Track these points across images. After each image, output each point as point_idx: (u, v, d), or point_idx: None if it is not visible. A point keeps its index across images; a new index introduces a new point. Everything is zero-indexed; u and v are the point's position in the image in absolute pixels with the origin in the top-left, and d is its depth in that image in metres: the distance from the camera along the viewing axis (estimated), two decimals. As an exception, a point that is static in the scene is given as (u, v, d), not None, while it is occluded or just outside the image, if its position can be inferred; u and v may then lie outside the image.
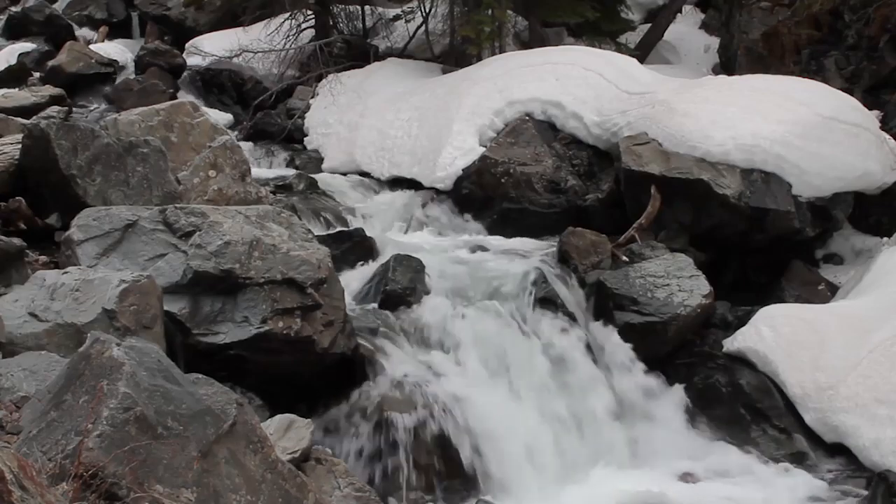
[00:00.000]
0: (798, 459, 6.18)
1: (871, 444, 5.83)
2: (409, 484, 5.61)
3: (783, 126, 8.09)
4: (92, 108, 12.21)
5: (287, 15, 12.78)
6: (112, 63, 13.55)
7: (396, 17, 13.94)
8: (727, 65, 12.80)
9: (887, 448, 5.73)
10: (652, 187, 8.05)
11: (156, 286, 5.07)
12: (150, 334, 4.78)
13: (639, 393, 6.67)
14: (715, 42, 14.13)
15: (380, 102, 10.65)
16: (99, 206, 6.04)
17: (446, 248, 8.01)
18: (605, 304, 7.04)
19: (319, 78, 11.95)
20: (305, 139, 11.19)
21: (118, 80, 13.16)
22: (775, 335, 6.60)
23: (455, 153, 9.10)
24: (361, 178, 9.79)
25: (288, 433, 4.64)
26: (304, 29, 12.88)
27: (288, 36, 12.60)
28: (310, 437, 4.68)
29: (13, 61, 13.64)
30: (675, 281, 7.06)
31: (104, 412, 3.17)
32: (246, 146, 10.36)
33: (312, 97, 11.72)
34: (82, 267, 5.32)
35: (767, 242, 8.07)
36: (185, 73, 13.34)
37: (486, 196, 8.95)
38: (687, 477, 6.13)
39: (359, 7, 13.56)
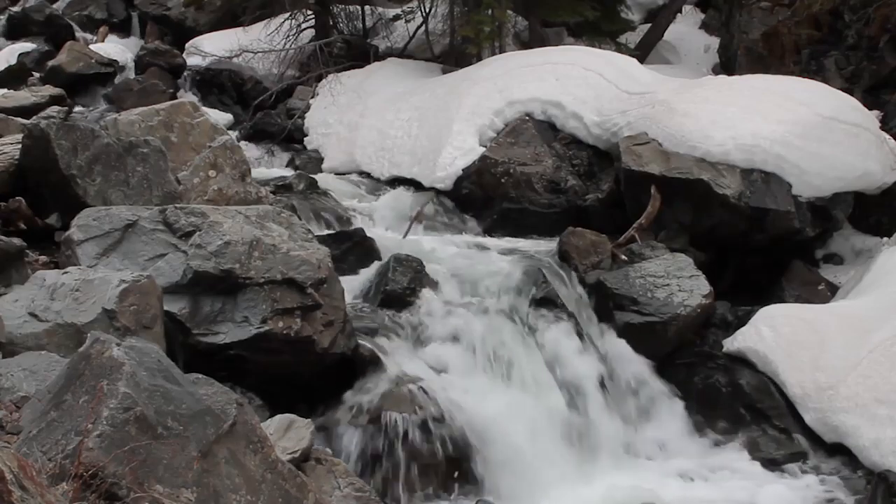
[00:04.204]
0: (798, 459, 6.18)
1: (871, 444, 5.82)
2: (409, 483, 5.60)
3: (783, 126, 8.09)
4: (92, 108, 12.20)
5: (287, 15, 12.80)
6: (112, 63, 13.54)
7: (396, 17, 13.95)
8: (727, 65, 12.81)
9: (887, 448, 5.73)
10: (652, 187, 8.06)
11: (156, 286, 5.06)
12: (150, 334, 4.78)
13: (638, 393, 6.67)
14: (715, 42, 14.13)
15: (380, 102, 10.65)
16: (99, 206, 6.03)
17: (446, 247, 8.00)
18: (605, 304, 7.04)
19: (319, 78, 11.96)
20: (305, 139, 11.19)
21: (118, 80, 13.17)
22: (775, 335, 6.60)
23: (455, 153, 9.11)
24: (361, 178, 9.79)
25: (288, 433, 4.63)
26: (304, 29, 12.89)
27: (288, 36, 12.61)
28: (310, 437, 4.68)
29: (13, 61, 13.65)
30: (675, 281, 7.06)
31: (104, 412, 3.17)
32: (246, 146, 10.36)
33: (312, 97, 11.72)
34: (82, 267, 5.31)
35: (767, 242, 8.07)
36: (185, 73, 13.35)
37: (486, 196, 8.95)
38: (687, 477, 6.12)
39: (359, 7, 13.57)
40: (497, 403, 6.13)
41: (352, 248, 7.32)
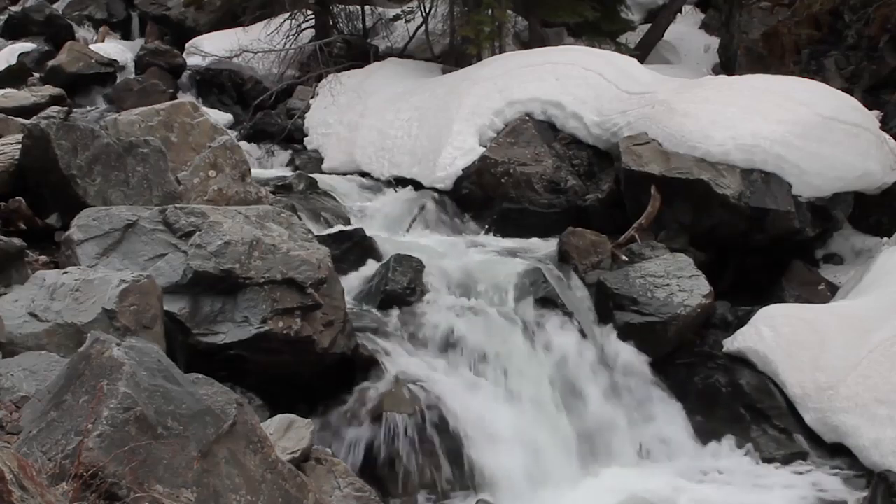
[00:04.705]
0: (798, 459, 6.18)
1: (871, 444, 5.82)
2: (409, 483, 5.61)
3: (783, 126, 8.08)
4: (92, 108, 12.21)
5: (287, 15, 12.80)
6: (112, 63, 13.56)
7: (396, 17, 13.96)
8: (727, 65, 12.81)
9: (887, 448, 5.73)
10: (652, 187, 8.06)
11: (156, 286, 5.06)
12: (150, 334, 4.78)
13: (638, 393, 6.67)
14: (715, 42, 14.14)
15: (380, 102, 10.66)
16: (99, 206, 6.03)
17: (446, 247, 8.00)
18: (605, 304, 7.04)
19: (319, 78, 11.96)
20: (305, 139, 11.19)
21: (118, 80, 13.17)
22: (775, 335, 6.60)
23: (455, 153, 9.11)
24: (361, 178, 9.79)
25: (288, 433, 4.63)
26: (304, 29, 12.89)
27: (288, 36, 12.61)
28: (310, 437, 4.68)
29: (13, 61, 13.66)
30: (675, 281, 7.05)
31: (104, 412, 3.17)
32: (246, 146, 10.36)
33: (312, 97, 11.73)
34: (82, 267, 5.32)
35: (767, 242, 8.07)
36: (185, 73, 13.36)
37: (486, 196, 8.95)
38: (687, 477, 6.12)
39: (359, 7, 13.57)
40: (497, 403, 6.14)
41: (352, 248, 7.32)
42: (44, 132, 6.32)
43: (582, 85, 9.27)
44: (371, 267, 7.10)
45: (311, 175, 9.44)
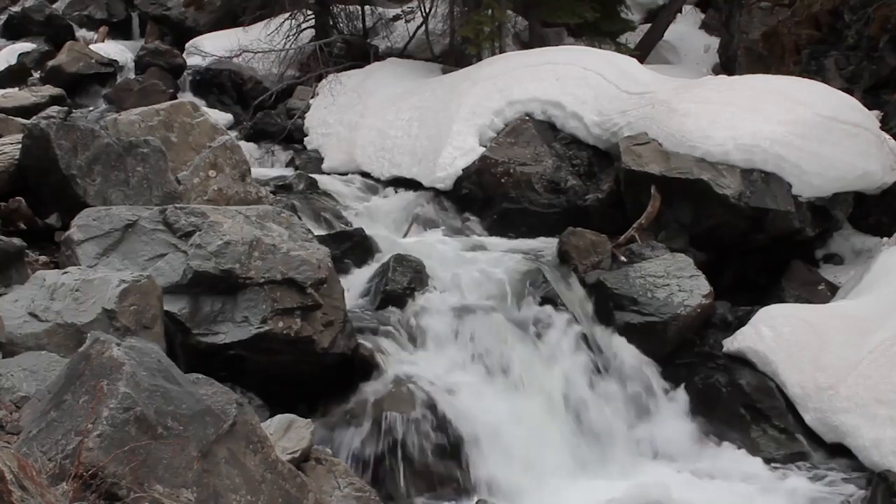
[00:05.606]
0: (798, 459, 6.17)
1: (871, 444, 5.82)
2: (409, 483, 5.61)
3: (783, 126, 8.09)
4: (92, 108, 12.22)
5: (287, 15, 12.82)
6: (112, 63, 13.57)
7: (396, 17, 13.97)
8: (727, 65, 12.81)
9: (887, 448, 5.73)
10: (652, 187, 8.06)
11: (156, 286, 5.07)
12: (150, 334, 4.79)
13: (638, 393, 6.67)
14: (715, 42, 14.14)
15: (380, 102, 10.66)
16: (99, 206, 6.04)
17: (446, 248, 8.00)
18: (605, 304, 7.04)
19: (319, 78, 11.98)
20: (305, 139, 11.20)
21: (118, 80, 13.18)
22: (775, 335, 6.60)
23: (455, 153, 9.11)
24: (361, 178, 9.80)
25: (288, 433, 4.63)
26: (304, 29, 12.91)
27: (288, 36, 12.63)
28: (310, 437, 4.68)
29: (13, 61, 13.68)
30: (675, 281, 7.06)
31: (104, 412, 3.17)
32: (246, 146, 10.36)
33: (312, 97, 11.74)
34: (82, 267, 5.32)
35: (767, 242, 8.07)
36: (185, 73, 13.37)
37: (486, 196, 8.95)
38: (687, 477, 6.12)
39: (359, 7, 13.58)
40: (497, 403, 6.13)
41: (352, 248, 7.32)
42: (44, 132, 6.33)
43: (582, 85, 9.27)
44: (371, 267, 7.11)
45: (311, 175, 9.45)
